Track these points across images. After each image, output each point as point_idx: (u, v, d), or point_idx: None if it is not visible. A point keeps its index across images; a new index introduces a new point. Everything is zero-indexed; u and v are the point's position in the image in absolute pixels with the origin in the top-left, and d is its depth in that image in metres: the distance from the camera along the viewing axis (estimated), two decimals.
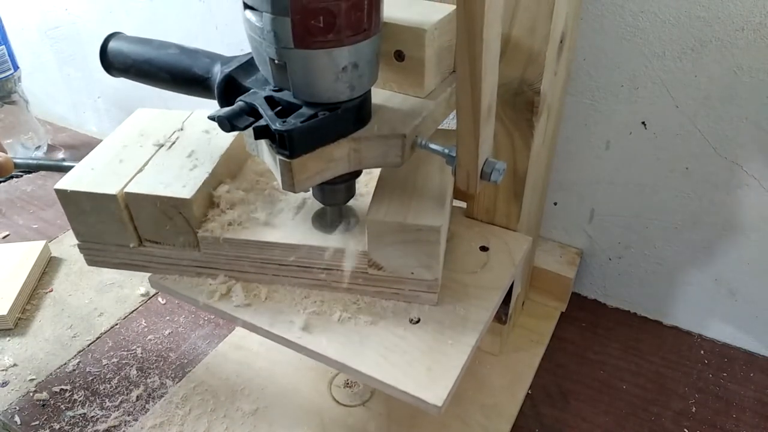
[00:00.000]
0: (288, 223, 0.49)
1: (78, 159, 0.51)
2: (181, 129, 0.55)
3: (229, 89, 0.43)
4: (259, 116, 0.39)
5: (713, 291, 0.66)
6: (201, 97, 0.47)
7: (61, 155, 1.05)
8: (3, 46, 0.95)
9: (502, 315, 0.59)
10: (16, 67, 0.98)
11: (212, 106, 0.46)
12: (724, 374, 0.64)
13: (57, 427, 0.59)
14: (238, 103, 0.40)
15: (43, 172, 0.98)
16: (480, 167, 0.41)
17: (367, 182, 0.53)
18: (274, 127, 0.37)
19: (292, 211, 0.50)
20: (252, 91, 0.41)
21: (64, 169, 0.50)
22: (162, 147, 0.52)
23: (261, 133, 0.38)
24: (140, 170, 0.49)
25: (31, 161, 0.61)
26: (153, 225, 0.48)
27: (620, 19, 0.56)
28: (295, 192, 0.40)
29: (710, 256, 0.64)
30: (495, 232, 0.56)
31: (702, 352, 0.67)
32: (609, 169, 0.65)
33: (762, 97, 0.53)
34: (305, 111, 0.39)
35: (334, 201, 0.47)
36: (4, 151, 0.58)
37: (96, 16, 0.98)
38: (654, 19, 0.55)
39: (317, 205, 0.50)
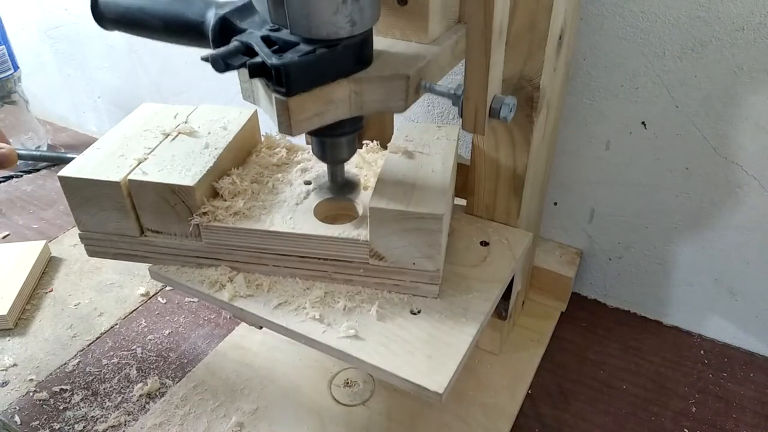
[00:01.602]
0: (290, 214, 0.49)
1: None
2: (186, 122, 0.55)
3: (224, 33, 0.42)
4: (255, 55, 0.38)
5: (713, 291, 0.66)
6: (196, 46, 0.45)
7: None
8: (3, 46, 0.95)
9: (502, 311, 0.59)
10: (16, 67, 0.98)
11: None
12: (724, 374, 0.64)
13: (57, 427, 0.59)
14: (233, 43, 0.38)
15: (43, 172, 0.98)
16: (489, 103, 0.40)
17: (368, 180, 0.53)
18: (269, 62, 0.36)
19: (294, 202, 0.50)
20: (248, 31, 0.40)
21: (67, 161, 0.50)
22: (166, 138, 0.53)
23: (256, 70, 0.37)
24: (144, 159, 0.49)
25: (34, 152, 0.61)
26: (155, 214, 0.48)
27: (620, 19, 0.56)
28: (292, 135, 0.39)
29: (710, 256, 0.64)
30: (495, 228, 0.56)
31: (702, 352, 0.67)
32: (609, 169, 0.65)
33: (762, 97, 0.54)
34: (303, 47, 0.37)
35: (334, 157, 0.46)
36: (8, 143, 0.58)
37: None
38: (654, 19, 0.55)
39: (320, 197, 0.50)
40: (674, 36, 0.55)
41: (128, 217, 0.49)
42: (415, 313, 0.46)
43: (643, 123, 0.60)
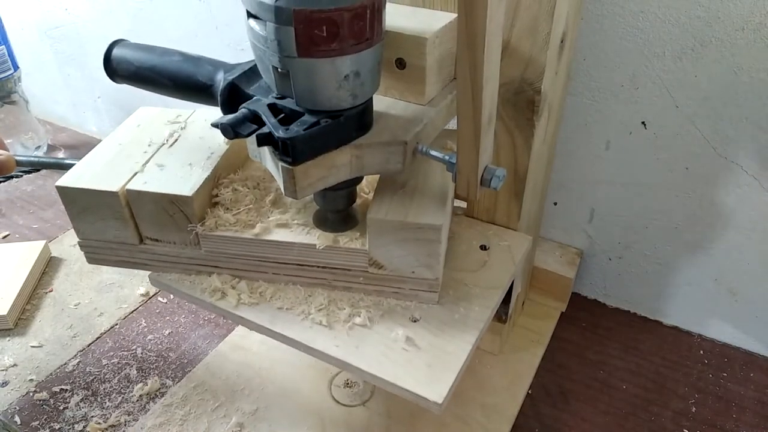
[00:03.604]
0: (290, 222, 0.49)
1: (79, 159, 0.51)
2: (184, 127, 0.55)
3: (232, 97, 0.44)
4: (262, 123, 0.39)
5: (713, 291, 0.66)
6: (204, 104, 0.47)
7: (61, 155, 1.05)
8: (3, 46, 0.95)
9: (502, 314, 0.59)
10: (16, 67, 0.98)
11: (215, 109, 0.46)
12: (724, 374, 0.64)
13: (57, 427, 0.59)
14: (242, 111, 0.40)
15: (43, 172, 0.98)
16: (480, 174, 0.41)
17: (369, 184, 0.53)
18: (277, 134, 0.38)
19: (294, 209, 0.50)
20: (255, 98, 0.42)
21: (66, 167, 0.50)
22: (164, 145, 0.52)
23: (264, 140, 0.39)
24: (142, 168, 0.49)
25: (33, 158, 0.62)
26: (154, 222, 0.48)
27: (620, 19, 0.56)
28: (297, 199, 0.40)
29: (710, 256, 0.64)
30: (495, 232, 0.56)
31: (702, 352, 0.67)
32: (609, 169, 0.65)
33: (762, 97, 0.53)
34: (308, 118, 0.39)
35: (335, 207, 0.47)
36: (6, 149, 0.58)
37: (96, 16, 0.98)
38: (654, 19, 0.55)
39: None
40: (674, 36, 0.55)
41: (127, 226, 0.49)
42: (414, 321, 0.46)
43: (643, 123, 0.60)
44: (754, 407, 0.60)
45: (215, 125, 0.39)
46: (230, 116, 0.39)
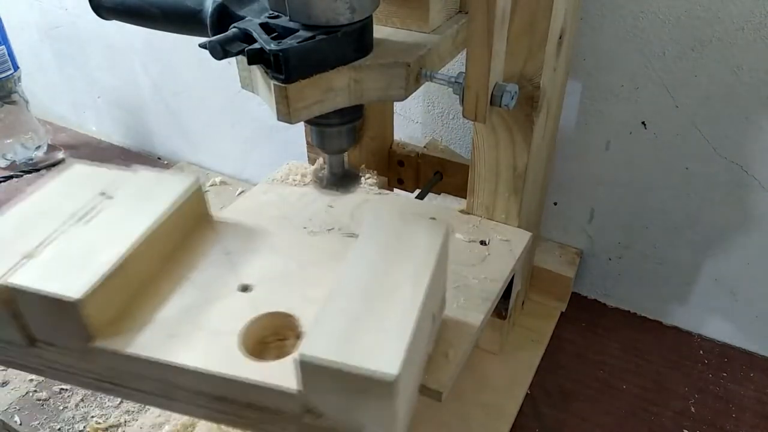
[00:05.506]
0: (211, 338, 0.37)
1: (78, 159, 0.50)
2: (111, 197, 0.43)
3: (222, 20, 0.42)
4: (253, 42, 0.38)
5: (713, 291, 0.66)
6: (195, 35, 0.45)
7: (61, 155, 1.05)
8: (3, 46, 0.95)
9: (502, 310, 0.59)
10: (16, 67, 0.98)
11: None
12: (724, 374, 0.64)
13: (57, 427, 0.59)
14: (232, 30, 0.38)
15: (43, 172, 0.98)
16: (490, 91, 0.40)
17: None
18: (268, 48, 0.36)
19: (222, 318, 0.38)
20: (247, 18, 0.40)
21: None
22: (80, 220, 0.41)
23: (255, 57, 0.36)
24: (34, 253, 0.38)
25: None
26: (45, 324, 0.37)
27: (620, 19, 0.56)
28: (291, 122, 0.38)
29: (710, 256, 0.64)
30: (495, 228, 0.56)
31: (702, 352, 0.67)
32: (609, 169, 0.65)
33: (762, 97, 0.54)
34: (302, 33, 0.37)
35: (334, 147, 0.46)
36: None
37: (96, 16, 0.98)
38: (654, 19, 0.55)
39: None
40: (674, 36, 0.55)
41: (11, 324, 0.37)
42: None
43: (643, 123, 0.60)
44: (754, 407, 0.60)
45: (203, 45, 0.37)
46: (220, 35, 0.37)
